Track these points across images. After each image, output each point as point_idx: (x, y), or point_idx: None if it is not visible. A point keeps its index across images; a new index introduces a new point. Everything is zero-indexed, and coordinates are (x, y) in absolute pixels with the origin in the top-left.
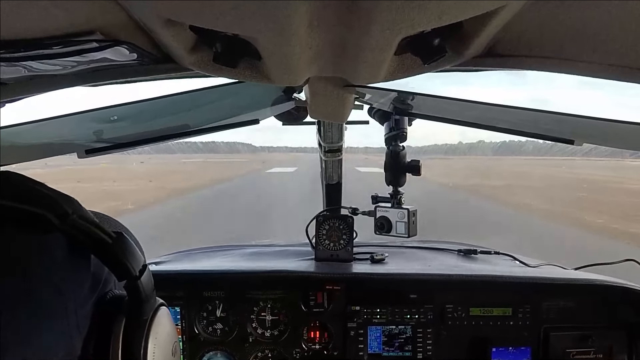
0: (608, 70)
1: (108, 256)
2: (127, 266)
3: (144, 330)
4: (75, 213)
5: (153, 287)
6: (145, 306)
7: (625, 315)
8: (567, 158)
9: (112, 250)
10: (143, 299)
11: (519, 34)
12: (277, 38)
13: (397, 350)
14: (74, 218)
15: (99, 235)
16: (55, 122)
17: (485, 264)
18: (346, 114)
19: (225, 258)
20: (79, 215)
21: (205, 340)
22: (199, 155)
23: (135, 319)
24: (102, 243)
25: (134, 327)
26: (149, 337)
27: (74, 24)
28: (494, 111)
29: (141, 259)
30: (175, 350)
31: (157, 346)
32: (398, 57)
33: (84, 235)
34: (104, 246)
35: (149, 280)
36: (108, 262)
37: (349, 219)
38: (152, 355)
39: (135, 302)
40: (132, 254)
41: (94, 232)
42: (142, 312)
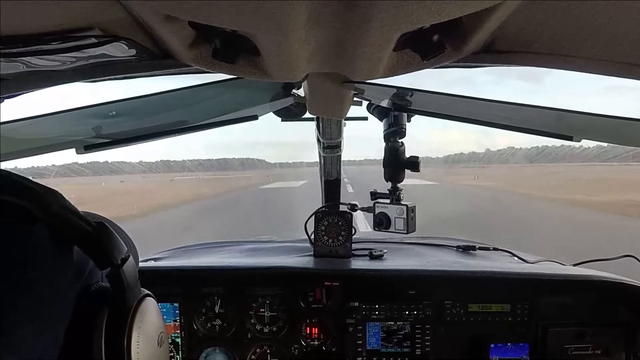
0: (606, 66)
1: (90, 245)
2: (108, 254)
3: (127, 319)
4: (56, 204)
5: (137, 278)
6: (129, 296)
7: (623, 311)
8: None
9: (93, 239)
10: (125, 288)
11: (518, 30)
12: (275, 34)
13: (396, 346)
14: (56, 209)
15: (80, 224)
16: (53, 118)
17: (484, 260)
18: (345, 110)
19: (223, 254)
20: (61, 206)
21: (204, 337)
22: (201, 172)
23: (118, 309)
24: (84, 232)
25: (116, 317)
26: (132, 326)
27: (73, 20)
28: (493, 107)
29: (124, 248)
30: (161, 340)
31: (141, 336)
32: (397, 53)
33: (66, 225)
34: (86, 235)
35: (132, 269)
36: (89, 251)
37: (347, 215)
38: (136, 345)
39: (118, 291)
40: (114, 243)
41: (75, 222)
42: (125, 301)
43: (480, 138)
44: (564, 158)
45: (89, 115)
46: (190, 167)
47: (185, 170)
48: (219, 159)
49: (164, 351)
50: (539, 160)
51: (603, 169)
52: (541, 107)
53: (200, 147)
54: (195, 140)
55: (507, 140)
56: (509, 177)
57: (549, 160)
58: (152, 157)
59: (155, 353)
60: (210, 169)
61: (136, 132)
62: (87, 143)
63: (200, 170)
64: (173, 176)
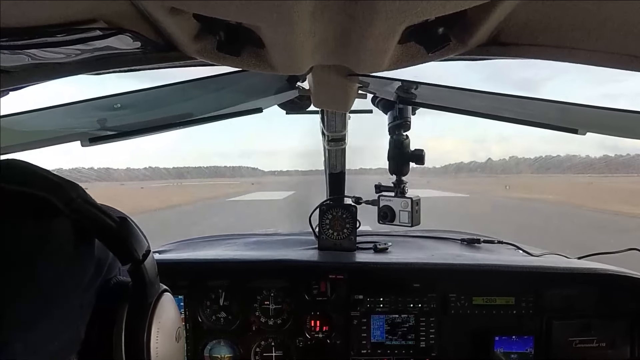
0: (611, 58)
1: (112, 240)
2: (131, 250)
3: (147, 315)
4: (79, 197)
5: (157, 273)
6: (149, 291)
7: (628, 304)
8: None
9: (117, 234)
10: (147, 284)
11: (523, 22)
12: (280, 27)
13: (400, 339)
14: (79, 202)
15: (103, 219)
16: (58, 110)
17: (489, 253)
18: (350, 102)
19: (228, 247)
20: (84, 200)
21: (209, 329)
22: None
23: (138, 304)
24: (107, 227)
25: (137, 312)
26: (152, 322)
27: (78, 12)
28: (498, 100)
29: (145, 244)
30: (179, 335)
31: (160, 331)
32: (402, 45)
33: (88, 220)
34: (108, 230)
35: (152, 265)
36: (112, 246)
37: (352, 208)
38: (155, 340)
39: (139, 286)
40: (136, 238)
41: (98, 216)
42: (146, 297)
43: (475, 148)
44: (569, 169)
45: (93, 107)
46: (178, 174)
47: (172, 177)
48: (209, 167)
49: (181, 346)
50: (546, 171)
51: (624, 179)
52: (546, 100)
53: (197, 154)
54: (189, 148)
55: (503, 150)
56: (543, 188)
57: (559, 170)
58: (140, 163)
59: (172, 348)
60: (200, 176)
61: (141, 124)
62: (92, 135)
63: (187, 177)
64: (154, 183)
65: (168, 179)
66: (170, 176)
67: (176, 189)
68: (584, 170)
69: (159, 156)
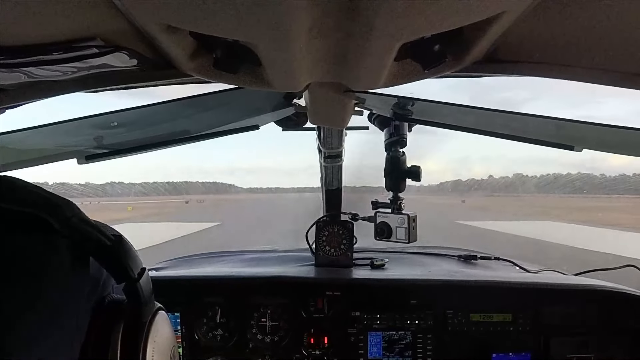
0: (608, 76)
1: (108, 259)
2: (126, 268)
3: (142, 334)
4: (75, 216)
5: (152, 291)
6: (144, 310)
7: (625, 320)
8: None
9: (112, 253)
10: (142, 302)
11: (519, 40)
12: (277, 44)
13: (398, 356)
14: (74, 221)
15: (99, 237)
16: (55, 128)
17: (486, 270)
18: (346, 119)
19: (225, 264)
20: (80, 219)
21: (205, 346)
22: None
23: (134, 323)
24: (103, 246)
25: (132, 331)
26: (147, 341)
27: (75, 30)
28: (494, 117)
29: (140, 262)
30: (173, 355)
31: (155, 350)
32: (398, 62)
33: (84, 238)
34: (104, 249)
35: (147, 283)
36: (108, 265)
37: (348, 225)
38: (150, 359)
39: (134, 305)
40: (131, 257)
41: (94, 234)
42: (141, 315)
43: (457, 167)
44: (581, 188)
45: (90, 125)
46: (144, 190)
47: (133, 194)
48: (179, 182)
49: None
50: (554, 190)
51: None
52: (542, 117)
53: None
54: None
55: (484, 170)
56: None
57: (569, 190)
58: (102, 178)
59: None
60: (162, 194)
61: (137, 142)
62: (89, 153)
63: (152, 194)
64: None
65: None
66: (128, 193)
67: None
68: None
69: (131, 171)
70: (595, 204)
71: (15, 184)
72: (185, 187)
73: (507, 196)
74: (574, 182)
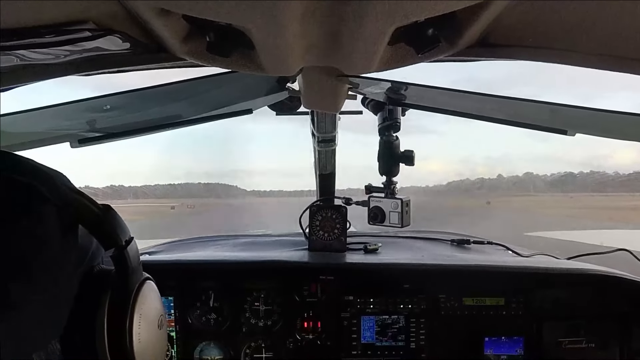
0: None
1: (96, 226)
2: (114, 235)
3: (129, 301)
4: (64, 185)
5: (139, 261)
6: (132, 278)
7: (617, 304)
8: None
9: (100, 221)
10: (129, 270)
11: (512, 24)
12: (270, 28)
13: (390, 340)
14: (64, 190)
15: (88, 206)
16: (47, 111)
17: (479, 254)
18: (340, 104)
19: (218, 248)
20: (69, 187)
21: (199, 331)
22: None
23: (121, 291)
24: (91, 213)
25: (119, 299)
26: (134, 308)
27: (67, 13)
28: (487, 101)
29: (128, 231)
30: (161, 323)
31: (142, 318)
32: (392, 47)
33: (73, 207)
34: (92, 216)
35: (135, 252)
36: (95, 231)
37: (342, 209)
38: (137, 327)
39: (122, 273)
40: (119, 226)
41: (83, 202)
42: (128, 284)
43: (461, 168)
44: (598, 187)
45: (83, 109)
46: (137, 193)
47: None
48: (180, 183)
49: (163, 334)
50: (566, 188)
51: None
52: (536, 101)
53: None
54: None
55: (488, 170)
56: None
57: (590, 189)
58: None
59: (155, 335)
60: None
61: (130, 125)
62: (82, 137)
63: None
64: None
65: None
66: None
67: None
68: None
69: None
70: (632, 203)
71: (4, 155)
72: (186, 188)
73: (527, 195)
74: (585, 179)
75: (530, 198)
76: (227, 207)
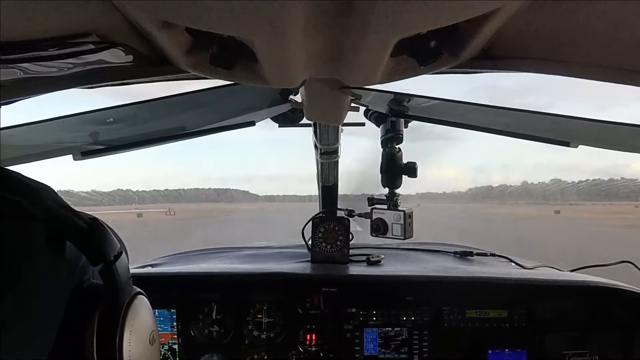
0: (603, 72)
1: (83, 240)
2: (101, 250)
3: (119, 317)
4: (50, 199)
5: (129, 275)
6: (121, 293)
7: (621, 316)
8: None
9: (87, 235)
10: (118, 286)
11: (515, 36)
12: (273, 41)
13: (393, 352)
14: (49, 204)
15: (74, 220)
16: (50, 124)
17: (481, 266)
18: (342, 115)
19: (221, 260)
20: (54, 201)
21: (201, 343)
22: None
23: (110, 307)
24: (78, 228)
25: (109, 315)
26: (124, 324)
27: (70, 26)
28: (490, 113)
29: (117, 245)
30: (153, 339)
31: (133, 334)
32: (394, 59)
33: (59, 221)
34: (79, 231)
35: (124, 267)
36: (83, 247)
37: (345, 221)
38: (127, 343)
39: (111, 288)
40: (107, 239)
41: (69, 217)
42: (118, 299)
43: (476, 175)
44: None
45: (85, 121)
46: (145, 199)
47: (141, 201)
48: (189, 188)
49: (155, 350)
50: (600, 197)
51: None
52: (538, 113)
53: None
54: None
55: (502, 178)
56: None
57: (622, 196)
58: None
59: (146, 352)
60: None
61: (133, 138)
62: (84, 149)
63: (151, 201)
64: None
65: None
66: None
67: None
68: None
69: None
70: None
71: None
72: (195, 194)
73: (572, 204)
74: (619, 188)
75: (581, 207)
76: (222, 215)
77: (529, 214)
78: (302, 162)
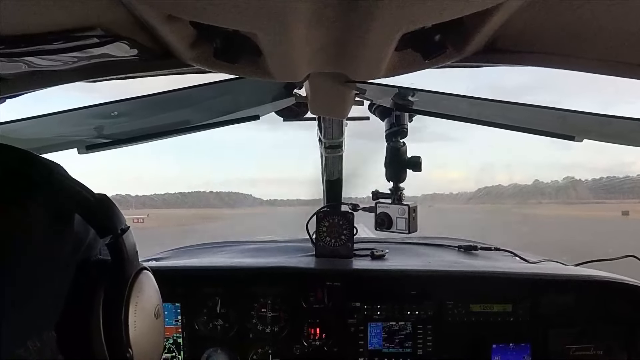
0: (608, 66)
1: (91, 213)
2: (110, 223)
3: (125, 289)
4: (59, 173)
5: (136, 251)
6: (128, 266)
7: (625, 311)
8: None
9: (95, 208)
10: (125, 258)
11: (519, 30)
12: (277, 34)
13: (398, 346)
14: (57, 177)
15: (82, 193)
16: (55, 118)
17: (486, 260)
18: (347, 109)
19: (225, 254)
20: (63, 175)
21: (205, 337)
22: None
23: (116, 280)
24: (86, 201)
25: (115, 287)
26: (130, 297)
27: (75, 20)
28: (495, 107)
29: (124, 220)
30: (158, 312)
31: (138, 306)
32: (398, 53)
33: (68, 194)
34: (87, 204)
35: (131, 241)
36: (91, 219)
37: (349, 215)
38: (133, 316)
39: (118, 261)
40: (115, 214)
41: (77, 190)
42: (124, 273)
43: (479, 175)
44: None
45: (90, 115)
46: (145, 202)
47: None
48: (191, 192)
49: (160, 323)
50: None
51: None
52: (543, 107)
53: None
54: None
55: (507, 177)
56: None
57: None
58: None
59: (151, 324)
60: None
61: (138, 132)
62: (89, 143)
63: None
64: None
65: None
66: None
67: None
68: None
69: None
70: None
71: (3, 146)
72: (196, 197)
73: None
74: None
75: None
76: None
77: (590, 215)
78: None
